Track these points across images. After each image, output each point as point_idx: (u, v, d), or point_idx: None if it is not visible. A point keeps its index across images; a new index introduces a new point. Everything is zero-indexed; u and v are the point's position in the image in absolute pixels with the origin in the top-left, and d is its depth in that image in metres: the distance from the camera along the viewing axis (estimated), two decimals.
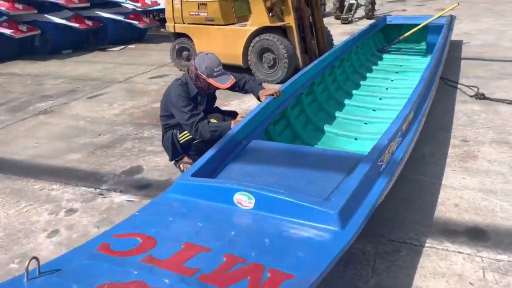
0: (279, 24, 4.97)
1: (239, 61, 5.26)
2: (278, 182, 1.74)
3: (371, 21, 7.58)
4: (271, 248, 1.29)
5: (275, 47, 4.88)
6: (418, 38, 5.76)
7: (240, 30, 5.21)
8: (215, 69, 2.75)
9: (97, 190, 2.82)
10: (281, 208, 1.46)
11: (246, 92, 3.06)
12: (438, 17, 5.53)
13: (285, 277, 1.12)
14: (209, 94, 2.98)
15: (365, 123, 3.52)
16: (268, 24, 4.94)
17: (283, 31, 5.05)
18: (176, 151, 3.02)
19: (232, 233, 1.36)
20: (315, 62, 3.97)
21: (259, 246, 1.29)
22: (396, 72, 4.92)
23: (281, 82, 4.66)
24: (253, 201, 1.54)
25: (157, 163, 3.18)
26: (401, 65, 5.17)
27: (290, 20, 4.95)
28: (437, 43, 4.46)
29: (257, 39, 5.02)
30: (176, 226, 1.43)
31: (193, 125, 2.69)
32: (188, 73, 2.88)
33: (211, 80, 2.76)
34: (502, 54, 5.64)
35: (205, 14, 5.45)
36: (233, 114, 3.12)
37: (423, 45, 5.76)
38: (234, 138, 2.21)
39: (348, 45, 4.84)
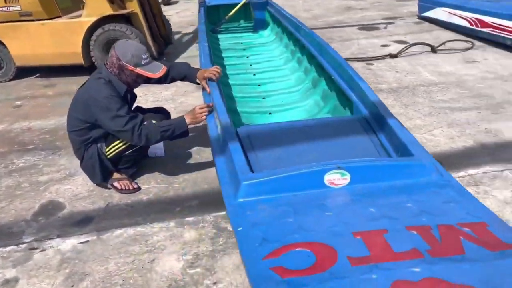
0: (123, 11, 4.47)
1: (78, 60, 4.54)
2: (322, 156, 1.68)
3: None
4: (423, 210, 1.27)
5: (125, 38, 4.40)
6: (244, 15, 6.08)
7: (75, 23, 4.45)
8: (143, 56, 2.32)
9: (23, 246, 2.09)
10: (378, 174, 1.44)
11: (173, 80, 2.70)
12: None
13: (482, 226, 1.15)
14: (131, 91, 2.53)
15: (263, 98, 3.62)
16: (111, 12, 4.38)
17: (127, 19, 4.58)
18: (105, 169, 2.49)
19: (372, 210, 1.27)
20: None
21: (411, 212, 1.26)
22: (244, 49, 5.13)
23: None
24: (348, 176, 1.46)
25: (74, 191, 2.55)
26: (241, 42, 5.41)
27: (134, 7, 4.53)
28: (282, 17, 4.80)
29: (100, 31, 4.41)
30: (308, 224, 1.23)
31: (134, 129, 2.22)
32: (108, 68, 2.37)
33: (140, 70, 2.31)
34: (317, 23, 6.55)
35: (18, 8, 4.42)
36: (165, 112, 2.74)
37: (251, 22, 6.13)
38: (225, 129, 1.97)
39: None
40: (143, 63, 2.32)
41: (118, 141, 2.41)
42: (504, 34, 4.52)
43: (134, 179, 2.59)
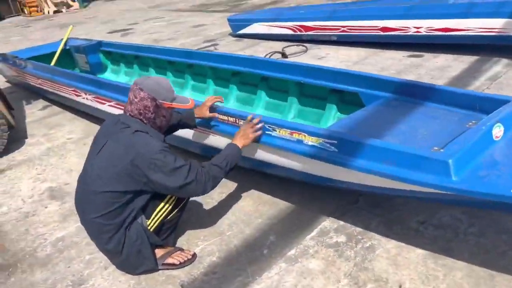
0: None
1: None
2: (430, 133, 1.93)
3: None
4: None
5: None
6: (79, 62, 5.36)
7: None
8: (172, 89, 2.02)
9: None
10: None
11: (180, 127, 2.36)
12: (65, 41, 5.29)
13: None
14: None
15: None
16: None
17: None
18: (148, 251, 1.96)
19: None
20: None
21: None
22: None
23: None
24: (502, 129, 1.72)
25: None
26: None
27: None
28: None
29: None
30: None
31: (197, 177, 1.84)
32: (137, 117, 1.91)
33: (176, 104, 2.00)
34: None
35: None
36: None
37: (87, 68, 5.44)
38: None
39: None
40: (175, 96, 2.01)
41: (161, 206, 1.98)
42: (327, 32, 5.58)
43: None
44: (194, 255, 2.10)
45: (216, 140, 2.49)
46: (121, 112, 2.08)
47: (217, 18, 9.28)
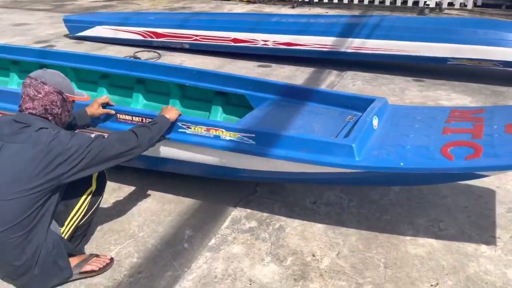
0: None
1: None
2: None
3: None
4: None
5: None
6: None
7: None
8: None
9: None
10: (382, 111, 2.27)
11: (75, 127, 2.20)
12: None
13: None
14: None
15: None
16: None
17: None
18: (65, 260, 1.83)
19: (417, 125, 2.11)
20: None
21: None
22: None
23: None
24: (377, 120, 2.18)
25: None
26: None
27: None
28: None
29: None
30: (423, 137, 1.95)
31: (124, 136, 1.88)
32: (36, 114, 1.77)
33: (79, 98, 1.94)
34: None
35: None
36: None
37: None
38: None
39: None
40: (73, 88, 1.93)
41: (75, 211, 1.90)
42: (180, 40, 5.73)
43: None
44: (112, 260, 2.01)
45: None
46: None
47: (42, 17, 8.39)
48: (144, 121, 2.27)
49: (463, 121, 2.12)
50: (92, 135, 1.80)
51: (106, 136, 1.83)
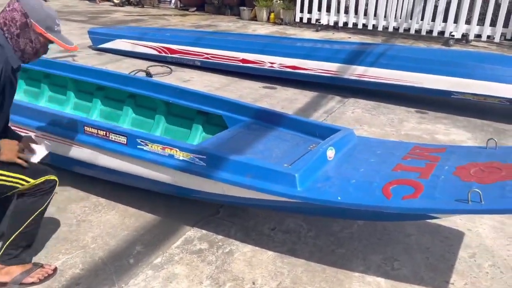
0: None
1: None
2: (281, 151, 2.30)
3: None
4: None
5: None
6: None
7: None
8: (57, 22, 1.85)
9: None
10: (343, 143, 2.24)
11: None
12: None
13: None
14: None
15: None
16: None
17: None
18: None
19: (372, 159, 2.05)
20: None
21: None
22: None
23: None
24: (334, 151, 2.16)
25: None
26: None
27: None
28: None
29: None
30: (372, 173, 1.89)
31: None
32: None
33: (51, 36, 1.78)
34: None
35: None
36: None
37: None
38: None
39: None
40: (55, 29, 1.82)
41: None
42: (192, 57, 5.88)
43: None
44: (55, 270, 2.05)
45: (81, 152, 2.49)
46: None
47: (74, 27, 8.82)
48: (106, 135, 2.34)
49: (419, 159, 2.06)
50: None
51: None
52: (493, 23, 8.32)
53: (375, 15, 9.14)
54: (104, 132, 2.36)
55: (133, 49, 6.35)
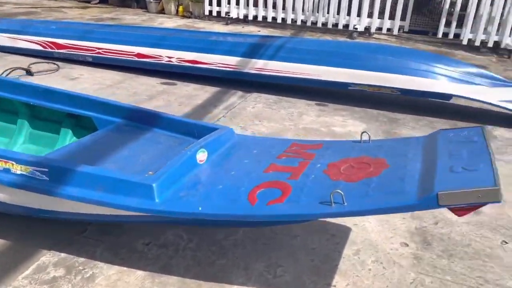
0: None
1: None
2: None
3: None
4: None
5: None
6: None
7: None
8: None
9: None
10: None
11: None
12: None
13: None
14: None
15: None
16: None
17: None
18: None
19: (246, 160, 1.81)
20: None
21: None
22: None
23: None
24: (206, 153, 1.90)
25: None
26: None
27: None
28: None
29: None
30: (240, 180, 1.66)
31: None
32: None
33: None
34: None
35: None
36: None
37: None
38: None
39: None
40: None
41: None
42: (82, 52, 5.34)
43: None
44: None
45: None
46: None
47: None
48: None
49: (294, 157, 1.91)
50: None
51: None
52: (392, 17, 8.72)
53: (283, 8, 9.15)
54: None
55: (14, 44, 5.63)
